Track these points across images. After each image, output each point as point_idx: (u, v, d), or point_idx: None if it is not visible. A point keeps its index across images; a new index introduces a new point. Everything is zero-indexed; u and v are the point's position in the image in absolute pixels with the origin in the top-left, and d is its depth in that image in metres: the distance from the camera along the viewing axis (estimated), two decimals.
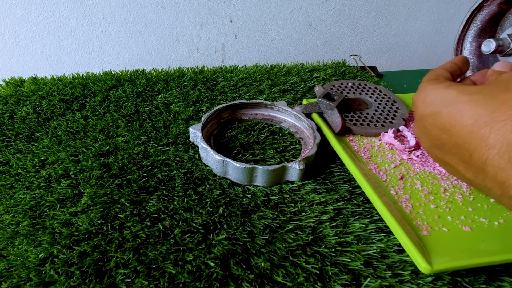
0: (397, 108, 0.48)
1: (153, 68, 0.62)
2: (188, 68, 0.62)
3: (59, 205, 0.35)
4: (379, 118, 0.46)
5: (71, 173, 0.39)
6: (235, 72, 0.61)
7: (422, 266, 0.27)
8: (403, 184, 0.37)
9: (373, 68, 0.67)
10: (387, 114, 0.47)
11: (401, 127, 0.45)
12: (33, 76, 0.58)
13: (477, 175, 0.27)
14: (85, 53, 0.76)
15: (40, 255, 0.30)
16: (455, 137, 0.27)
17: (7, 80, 0.57)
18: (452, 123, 0.27)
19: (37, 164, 0.40)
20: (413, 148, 0.42)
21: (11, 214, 0.34)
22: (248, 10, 0.77)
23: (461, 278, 0.29)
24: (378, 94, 0.51)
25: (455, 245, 0.30)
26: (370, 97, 0.50)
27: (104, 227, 0.32)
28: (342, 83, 0.53)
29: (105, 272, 0.29)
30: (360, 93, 0.51)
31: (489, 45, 0.33)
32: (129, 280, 0.28)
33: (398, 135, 0.44)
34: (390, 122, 0.45)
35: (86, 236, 0.32)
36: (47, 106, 0.51)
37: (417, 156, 0.41)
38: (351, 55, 0.68)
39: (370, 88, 0.52)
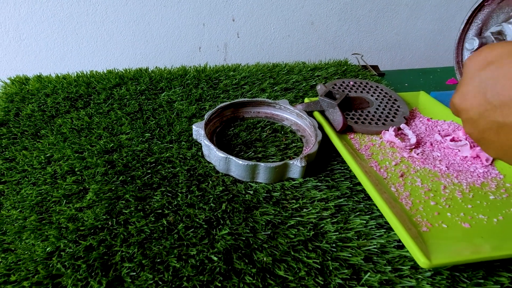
0: (398, 106, 0.49)
1: (156, 67, 0.62)
2: (190, 67, 0.63)
3: (65, 200, 0.36)
4: (380, 116, 0.46)
5: (76, 169, 0.39)
6: (238, 70, 0.62)
7: (421, 261, 0.28)
8: (403, 181, 0.37)
9: (375, 67, 0.67)
10: (388, 113, 0.47)
11: (402, 125, 0.45)
12: (38, 74, 0.59)
13: None
14: (88, 52, 0.77)
15: (47, 249, 0.30)
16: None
17: (12, 78, 0.58)
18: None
19: (43, 161, 0.41)
20: (413, 146, 0.42)
21: (18, 209, 0.35)
22: (250, 9, 0.78)
23: (460, 273, 0.30)
24: (380, 92, 0.51)
25: (454, 241, 0.30)
26: (372, 95, 0.50)
27: (109, 222, 0.33)
28: (343, 82, 0.53)
29: (110, 265, 0.29)
30: (361, 92, 0.51)
31: (472, 43, 0.33)
32: (134, 273, 0.29)
33: (399, 133, 0.45)
34: (391, 120, 0.46)
35: (92, 231, 0.32)
36: (52, 104, 0.51)
37: (418, 154, 0.41)
38: (352, 54, 0.69)
39: (371, 86, 0.52)
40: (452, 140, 0.42)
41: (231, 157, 0.37)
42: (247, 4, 0.77)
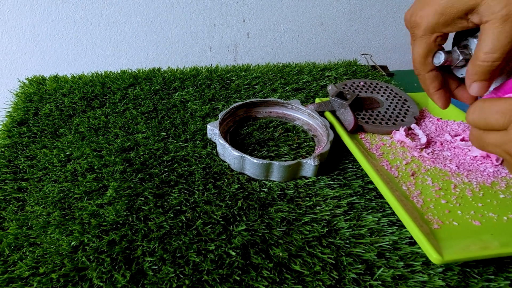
0: (408, 106, 0.49)
1: (168, 67, 0.63)
2: (202, 67, 0.64)
3: (86, 197, 0.37)
4: (390, 116, 0.47)
5: (95, 167, 0.41)
6: (249, 71, 0.63)
7: (434, 257, 0.28)
8: (414, 180, 0.38)
9: (384, 67, 0.68)
10: (399, 113, 0.48)
11: (413, 125, 0.46)
12: (54, 74, 0.60)
13: None
14: (102, 52, 0.79)
15: (72, 243, 0.32)
16: None
17: (30, 78, 0.59)
18: None
19: (63, 159, 0.42)
20: (424, 146, 0.43)
21: (41, 205, 0.36)
22: (260, 9, 0.79)
23: (470, 269, 0.30)
24: (390, 93, 0.52)
25: (465, 238, 0.31)
26: (382, 96, 0.51)
27: (130, 218, 0.34)
28: (354, 82, 0.54)
29: (133, 259, 0.31)
30: (372, 92, 0.52)
31: (438, 57, 0.34)
32: (156, 267, 0.30)
33: (409, 133, 0.45)
34: (402, 120, 0.47)
35: (114, 226, 0.34)
36: (69, 103, 0.53)
37: (428, 154, 0.42)
38: (362, 54, 0.69)
39: (381, 87, 0.53)
40: (462, 140, 0.43)
41: (246, 156, 0.38)
42: (258, 5, 0.78)
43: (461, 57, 0.34)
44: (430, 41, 0.34)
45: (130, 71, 0.61)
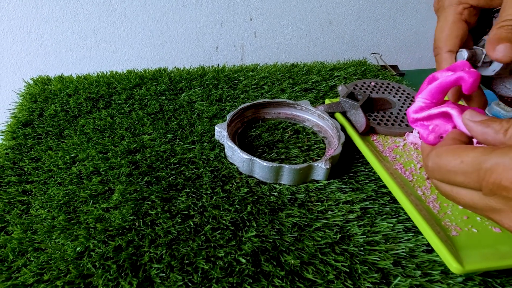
0: None
1: (175, 67, 0.62)
2: (209, 67, 0.63)
3: (91, 201, 0.36)
4: (403, 117, 0.46)
5: (101, 170, 0.40)
6: (256, 70, 0.62)
7: (453, 266, 0.27)
8: (430, 184, 0.37)
9: (394, 67, 0.66)
10: None
11: None
12: (60, 74, 0.59)
13: None
14: (107, 52, 0.78)
15: (77, 249, 0.31)
16: None
17: (35, 78, 0.58)
18: None
19: (68, 161, 0.41)
20: None
21: (46, 209, 0.35)
22: (268, 8, 0.78)
23: (492, 279, 0.29)
24: (402, 93, 0.50)
25: (486, 246, 0.30)
26: (394, 96, 0.50)
27: (136, 223, 0.33)
28: (364, 82, 0.53)
29: (139, 266, 0.30)
30: (383, 93, 0.51)
31: (461, 55, 0.32)
32: (164, 274, 0.29)
33: None
34: None
35: (120, 231, 0.33)
36: (74, 104, 0.52)
37: None
38: (371, 54, 0.68)
39: (393, 87, 0.52)
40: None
41: (255, 158, 0.37)
42: (265, 4, 0.77)
43: (484, 52, 0.32)
44: (456, 11, 0.31)
45: (136, 71, 0.61)
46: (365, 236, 0.32)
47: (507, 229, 0.22)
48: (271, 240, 0.32)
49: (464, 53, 0.31)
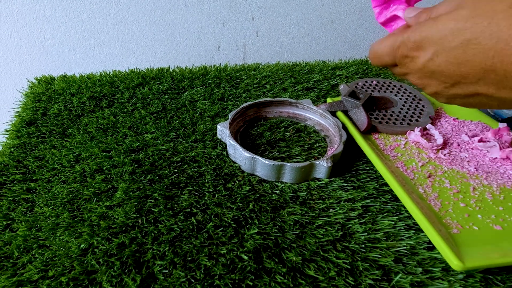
0: (423, 106, 0.48)
1: (177, 66, 0.63)
2: (211, 66, 0.63)
3: (95, 198, 0.36)
4: (405, 116, 0.46)
5: (104, 168, 0.40)
6: (258, 70, 0.62)
7: (454, 263, 0.27)
8: (431, 182, 0.37)
9: None
10: (413, 113, 0.47)
11: (428, 126, 0.45)
12: (63, 74, 0.60)
13: None
14: (110, 51, 0.78)
15: (81, 246, 0.31)
16: (479, 64, 0.25)
17: (39, 78, 0.59)
18: (470, 52, 0.25)
19: (72, 160, 0.42)
20: (440, 147, 0.41)
21: (50, 206, 0.36)
22: (269, 7, 0.78)
23: (493, 276, 0.29)
24: (404, 92, 0.51)
25: (487, 244, 0.30)
26: (396, 95, 0.50)
27: (140, 221, 0.34)
28: (366, 81, 0.53)
29: (143, 263, 0.30)
30: (385, 91, 0.51)
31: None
32: (167, 271, 0.29)
33: (424, 133, 0.44)
34: (416, 120, 0.45)
35: (123, 228, 0.33)
36: (77, 103, 0.52)
37: (445, 155, 0.41)
38: None
39: (395, 86, 0.52)
40: (481, 141, 0.42)
41: (257, 157, 0.38)
42: (267, 3, 0.77)
43: None
44: None
45: (138, 70, 0.61)
46: (366, 234, 0.33)
47: (416, 85, 0.32)
48: (273, 238, 0.32)
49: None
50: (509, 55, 0.24)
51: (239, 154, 0.39)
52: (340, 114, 0.46)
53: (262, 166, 0.38)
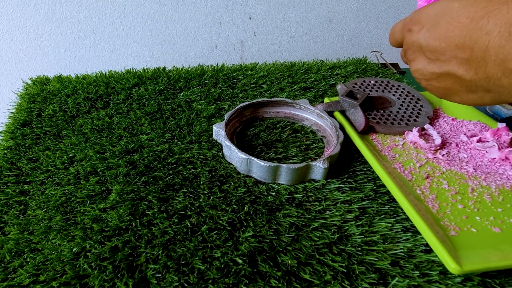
0: (421, 106, 0.48)
1: (173, 66, 0.62)
2: (208, 66, 0.62)
3: (88, 201, 0.36)
4: (403, 116, 0.45)
5: (98, 170, 0.40)
6: (255, 69, 0.61)
7: (452, 266, 0.27)
8: (429, 183, 0.37)
9: (395, 65, 0.66)
10: (411, 113, 0.46)
11: (426, 126, 0.44)
12: (58, 74, 0.59)
13: (478, 69, 0.28)
14: (106, 51, 0.78)
15: (74, 250, 0.31)
16: (454, 40, 0.28)
17: (34, 78, 0.58)
18: (450, 28, 0.29)
19: (66, 161, 0.41)
20: (438, 147, 0.41)
21: (43, 209, 0.35)
22: (267, 6, 0.77)
23: (491, 279, 0.29)
24: (402, 92, 0.50)
25: (485, 246, 0.30)
26: (394, 95, 0.49)
27: (133, 223, 0.33)
28: (364, 81, 0.52)
29: (136, 267, 0.30)
30: (383, 91, 0.50)
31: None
32: (160, 275, 0.29)
33: (423, 133, 0.44)
34: (415, 120, 0.45)
35: (116, 232, 0.32)
36: (72, 104, 0.52)
37: (443, 155, 0.40)
38: (372, 52, 0.67)
39: (393, 86, 0.51)
40: (479, 141, 0.41)
41: (252, 158, 0.37)
42: (264, 2, 0.77)
43: None
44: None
45: (134, 70, 0.61)
46: (363, 236, 0.32)
47: (410, 60, 0.34)
48: (268, 240, 0.32)
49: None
50: (477, 34, 0.26)
51: (234, 155, 0.39)
52: (337, 114, 0.46)
53: (258, 168, 0.37)
